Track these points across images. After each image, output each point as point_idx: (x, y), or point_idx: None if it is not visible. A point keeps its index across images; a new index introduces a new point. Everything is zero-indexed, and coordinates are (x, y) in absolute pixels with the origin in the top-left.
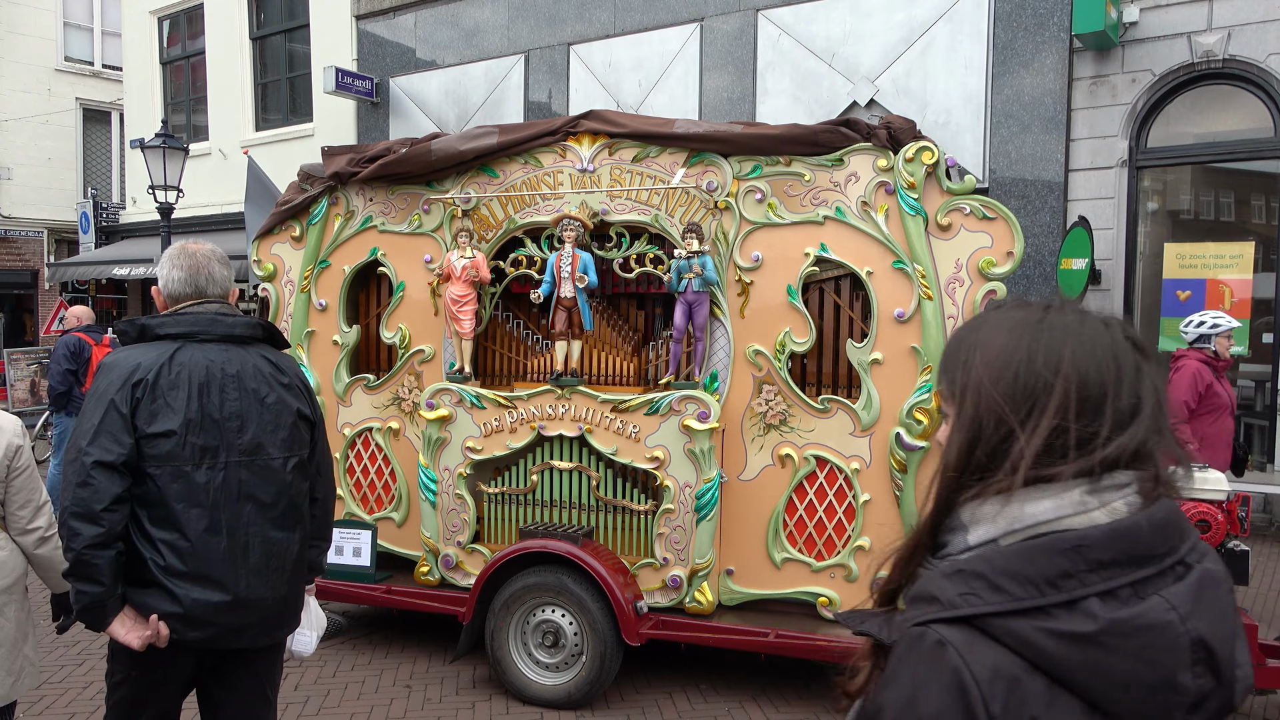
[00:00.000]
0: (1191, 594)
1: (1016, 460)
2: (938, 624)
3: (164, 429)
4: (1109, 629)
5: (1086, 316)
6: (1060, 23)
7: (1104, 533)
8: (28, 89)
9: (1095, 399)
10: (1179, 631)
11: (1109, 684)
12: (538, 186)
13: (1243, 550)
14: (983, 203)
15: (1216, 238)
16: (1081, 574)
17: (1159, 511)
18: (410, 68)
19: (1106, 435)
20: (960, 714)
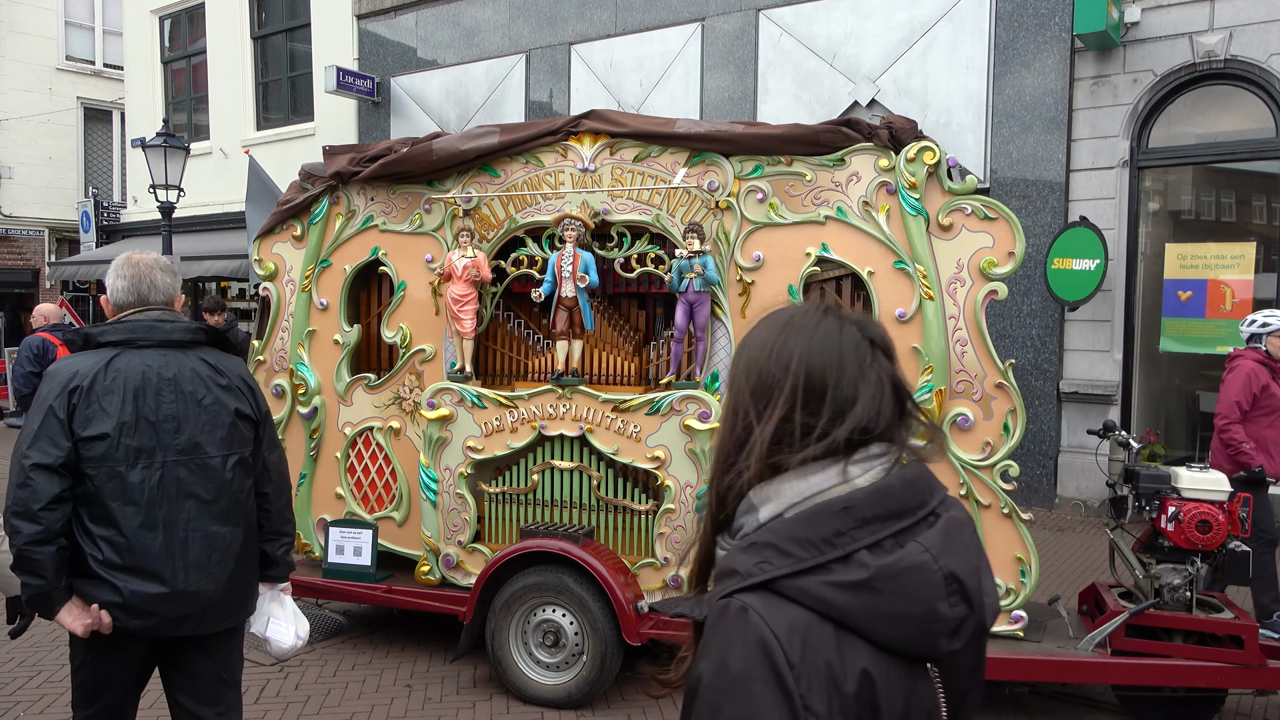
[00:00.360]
0: (941, 538)
1: (752, 447)
2: (740, 593)
3: (98, 432)
4: (878, 574)
5: (826, 318)
6: (1062, 23)
7: (866, 494)
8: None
9: (817, 393)
10: (934, 569)
11: (883, 622)
12: (539, 186)
13: (1243, 551)
14: (984, 203)
15: (1218, 238)
16: (852, 531)
17: (909, 473)
18: (411, 67)
19: (827, 424)
20: (765, 667)
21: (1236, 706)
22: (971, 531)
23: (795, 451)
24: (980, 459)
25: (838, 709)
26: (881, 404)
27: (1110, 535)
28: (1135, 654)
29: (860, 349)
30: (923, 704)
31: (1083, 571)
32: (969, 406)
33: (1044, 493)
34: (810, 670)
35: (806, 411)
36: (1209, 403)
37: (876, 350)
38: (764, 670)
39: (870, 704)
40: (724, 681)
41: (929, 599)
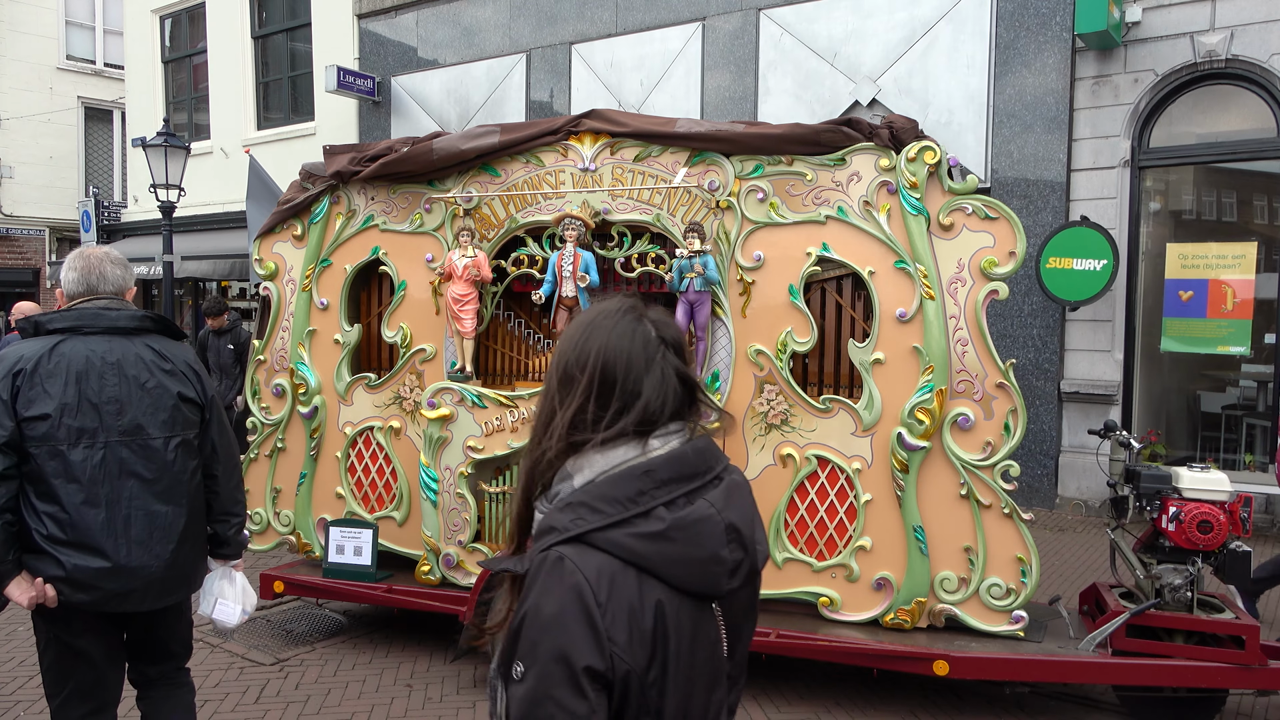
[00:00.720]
0: (724, 496)
1: (554, 430)
2: (557, 545)
3: (39, 413)
4: (673, 526)
5: (624, 319)
6: (1063, 22)
7: (664, 460)
8: (29, 87)
9: (609, 386)
10: (718, 521)
11: (677, 565)
12: (539, 186)
13: (1244, 551)
14: (985, 202)
15: (1219, 238)
16: (652, 491)
17: (700, 443)
18: (412, 67)
19: (615, 413)
20: (578, 606)
21: (1237, 707)
22: (748, 492)
23: (590, 434)
24: (981, 459)
25: (636, 639)
26: (667, 394)
27: (1111, 535)
28: (1136, 654)
29: (650, 347)
30: (707, 636)
31: (1083, 572)
32: (970, 406)
33: (1044, 493)
34: (615, 608)
35: (599, 402)
36: (1210, 403)
37: (666, 348)
38: (577, 609)
39: (663, 634)
40: (543, 620)
41: (713, 545)
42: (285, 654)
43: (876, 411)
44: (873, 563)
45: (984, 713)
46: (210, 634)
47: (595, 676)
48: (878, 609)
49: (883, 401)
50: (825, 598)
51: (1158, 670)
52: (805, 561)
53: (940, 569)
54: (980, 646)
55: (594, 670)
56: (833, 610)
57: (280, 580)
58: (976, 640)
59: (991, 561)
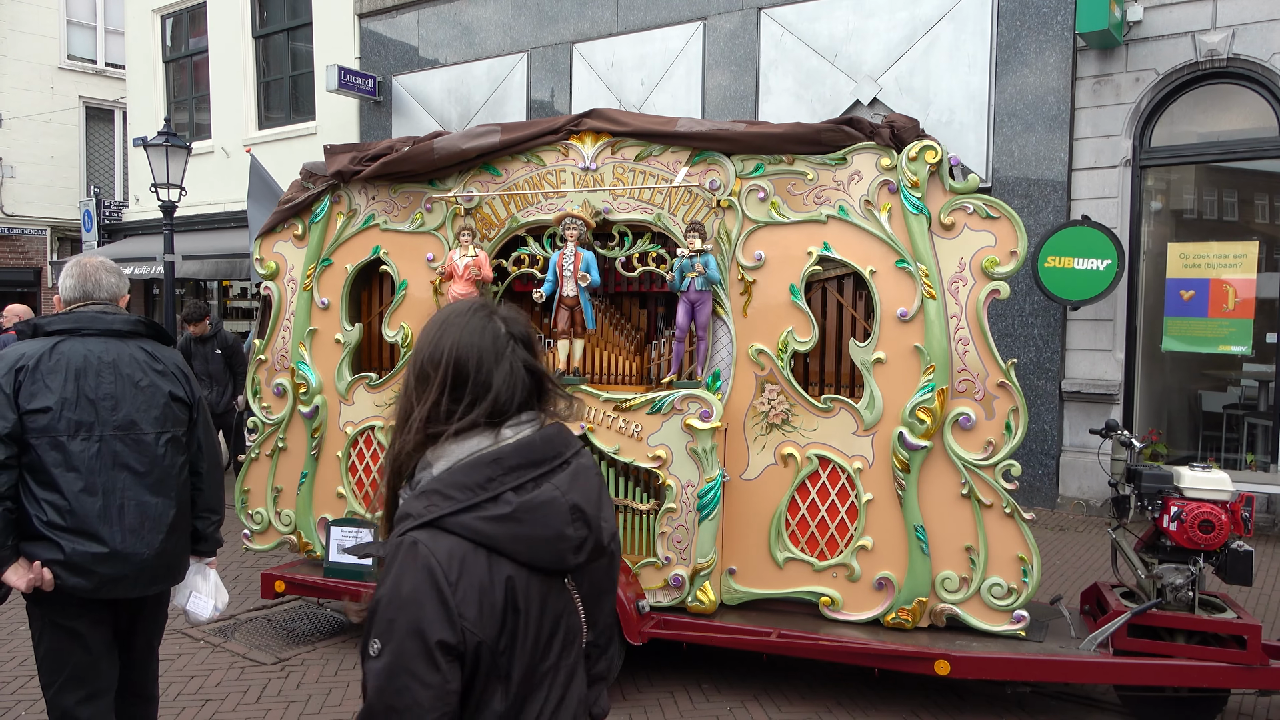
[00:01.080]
0: (570, 479)
1: (413, 423)
2: (412, 530)
3: (40, 406)
4: (519, 508)
5: (475, 317)
6: (1064, 21)
7: (512, 448)
8: (31, 87)
9: (461, 381)
10: (562, 502)
11: (524, 544)
12: (540, 185)
13: (1246, 551)
14: (986, 202)
15: (1220, 237)
16: (500, 477)
17: (549, 431)
18: (412, 66)
19: (466, 406)
20: (430, 586)
21: (1239, 707)
22: (595, 474)
23: (444, 425)
24: (982, 458)
25: (487, 614)
26: (516, 386)
27: (1112, 535)
28: (1137, 654)
29: (499, 342)
30: (557, 608)
31: (1084, 571)
32: (971, 406)
33: (1046, 492)
34: (465, 586)
35: (453, 396)
36: (1211, 402)
37: (515, 342)
38: (429, 588)
39: (513, 608)
40: (399, 600)
41: (558, 525)
42: (286, 653)
43: (878, 411)
44: (874, 562)
45: (985, 713)
46: (211, 634)
47: (448, 649)
48: (879, 609)
49: (884, 401)
50: (826, 597)
51: (1159, 670)
52: (806, 561)
53: (941, 568)
54: (981, 646)
55: (446, 644)
56: (834, 610)
57: (281, 580)
58: (978, 640)
59: (993, 561)
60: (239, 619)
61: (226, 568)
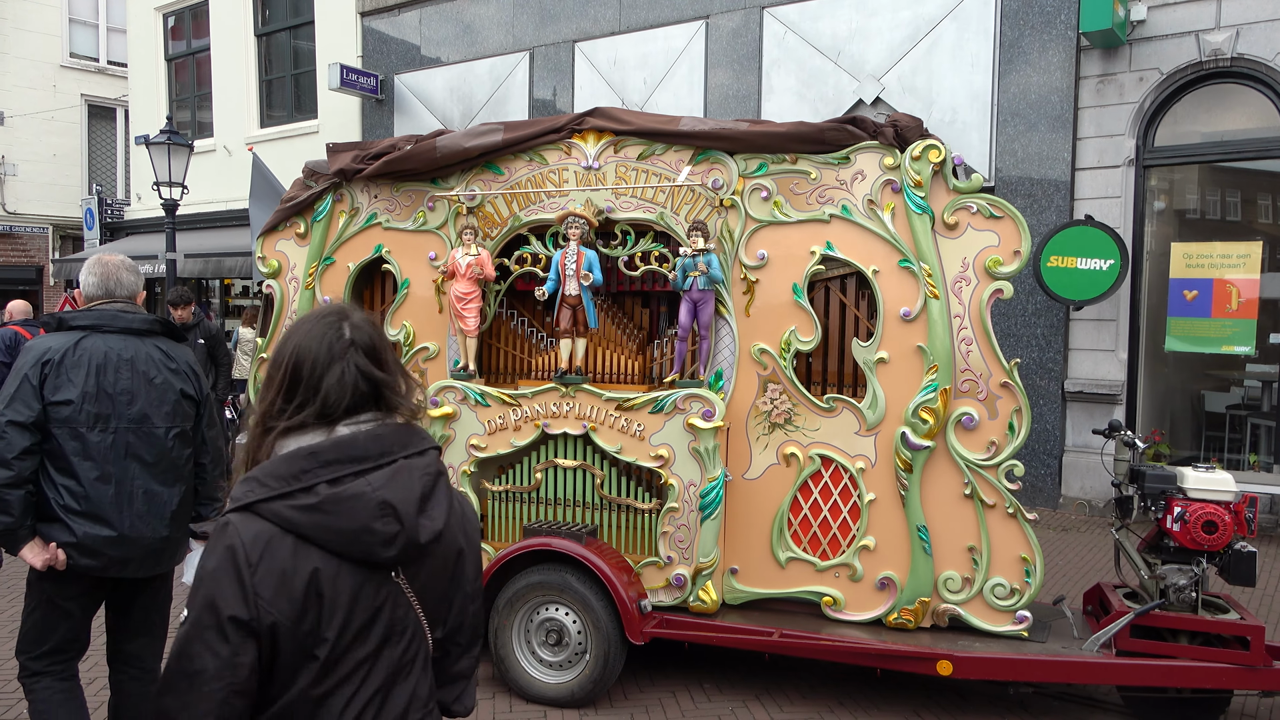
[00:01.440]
0: (387, 477)
1: (256, 418)
2: (230, 513)
3: (65, 398)
4: (327, 500)
5: (320, 323)
6: (1067, 20)
7: (330, 443)
8: (33, 85)
9: (294, 383)
10: (371, 497)
11: (330, 534)
12: (543, 184)
13: (1249, 552)
14: (990, 201)
15: (1224, 237)
16: (315, 469)
17: (378, 430)
18: (415, 65)
19: (297, 406)
20: (230, 565)
21: (1242, 708)
22: (420, 475)
23: (278, 422)
24: (985, 458)
25: (284, 596)
26: (345, 390)
27: (1115, 535)
28: (1140, 655)
29: (336, 348)
30: (376, 600)
31: (1087, 572)
32: (974, 406)
33: (1048, 492)
34: (266, 568)
35: (287, 396)
36: (1214, 403)
37: (354, 349)
38: (228, 567)
39: (317, 594)
40: (205, 575)
41: (364, 518)
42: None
43: (880, 411)
44: (876, 562)
45: (987, 713)
46: None
47: (239, 624)
48: (881, 609)
49: (886, 401)
50: (828, 597)
51: (1162, 671)
52: (808, 561)
53: (944, 569)
54: (984, 646)
55: (238, 619)
56: (836, 610)
57: None
58: (980, 640)
59: (995, 561)
60: None
61: None
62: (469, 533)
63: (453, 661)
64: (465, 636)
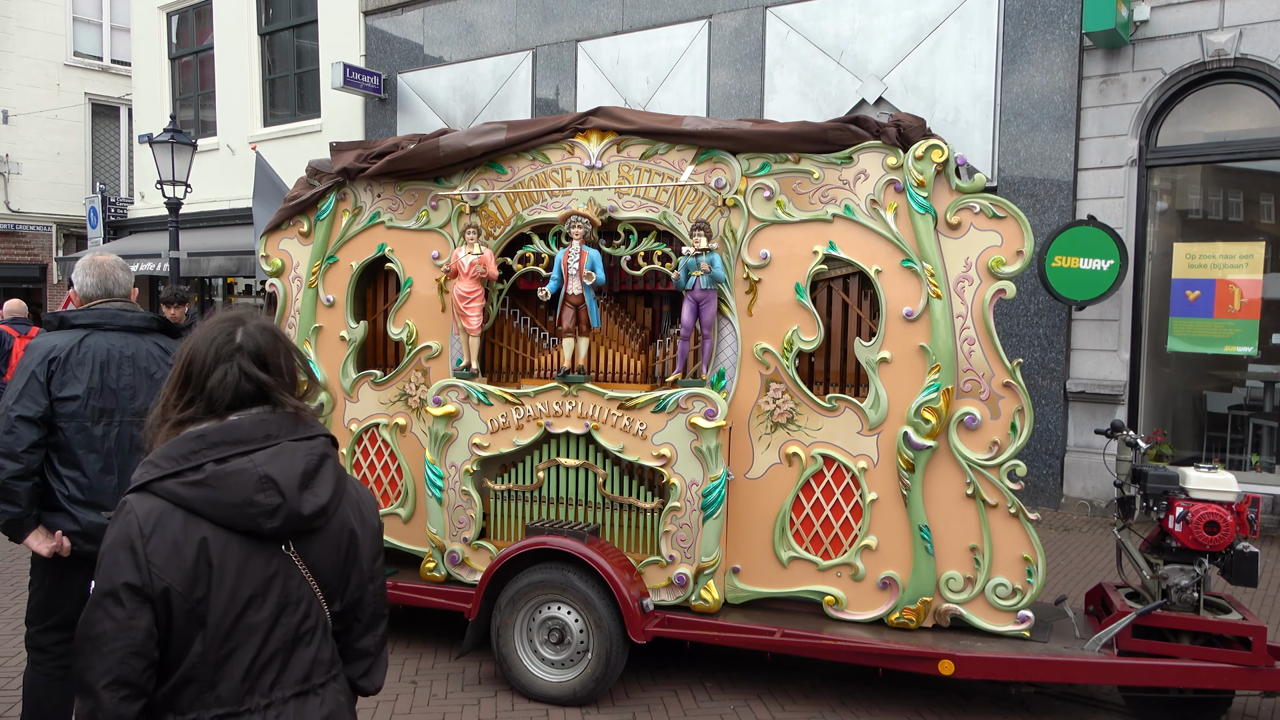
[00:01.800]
0: (270, 456)
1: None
2: (129, 493)
3: (70, 394)
4: (212, 476)
5: (216, 327)
6: (1070, 21)
7: (217, 427)
8: (37, 84)
9: (184, 381)
10: (253, 472)
11: (216, 507)
12: (546, 183)
13: (1251, 552)
14: (993, 201)
15: (1226, 238)
16: (203, 450)
17: (263, 417)
18: (418, 64)
19: (186, 402)
20: (125, 538)
21: (1244, 708)
22: (303, 455)
23: (171, 414)
24: (987, 458)
25: (175, 564)
26: (227, 390)
27: (1117, 535)
28: (1142, 655)
29: (223, 352)
30: (266, 571)
31: (1089, 572)
32: (976, 406)
33: (1050, 492)
34: (158, 539)
35: (179, 392)
36: (1216, 403)
37: (241, 353)
38: (124, 540)
39: (206, 563)
40: (106, 549)
41: (247, 491)
42: None
43: (883, 410)
44: (878, 562)
45: (989, 713)
46: None
47: (134, 590)
48: (883, 608)
49: (889, 400)
50: (830, 597)
51: (1164, 671)
52: (810, 560)
53: (946, 568)
54: (986, 646)
55: (132, 585)
56: (838, 609)
57: None
58: (982, 640)
59: (997, 561)
60: None
61: None
62: (365, 516)
63: (355, 638)
64: (366, 614)
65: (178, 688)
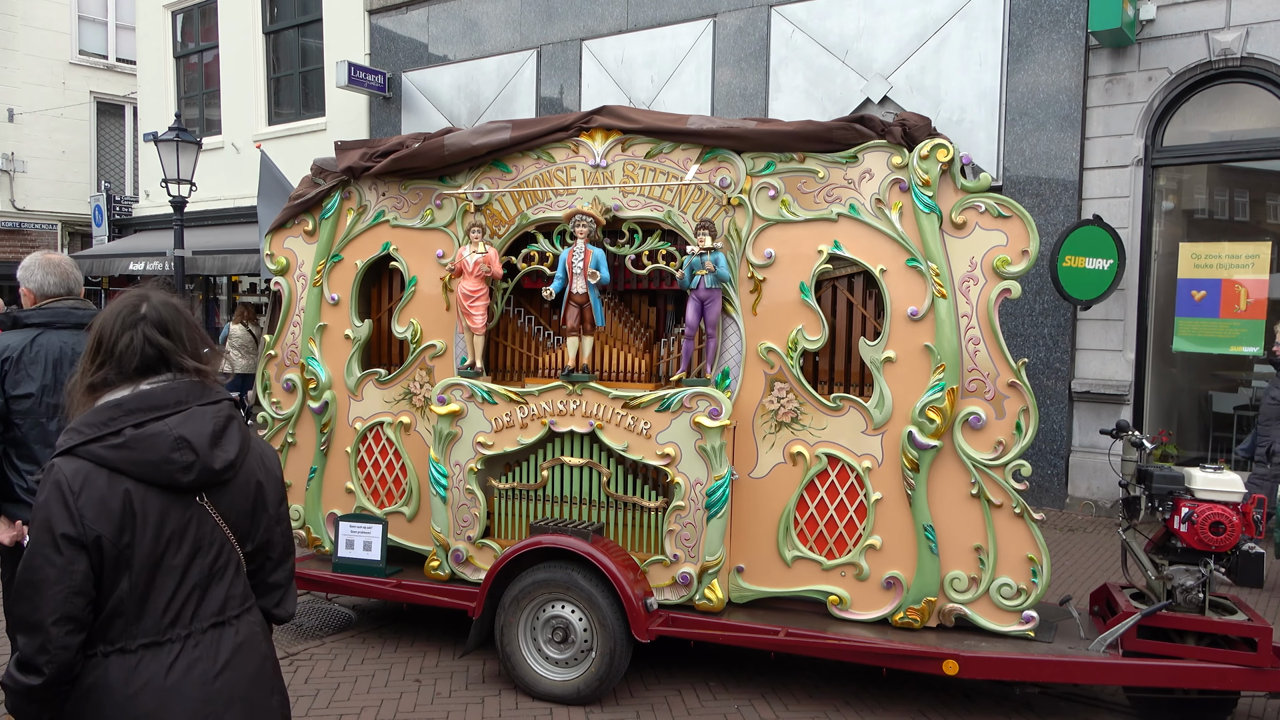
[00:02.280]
0: (183, 420)
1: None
2: (55, 457)
3: (25, 392)
4: (131, 439)
5: (128, 300)
6: (1076, 20)
7: (133, 396)
8: (42, 82)
9: (95, 349)
10: (168, 434)
11: (136, 465)
12: (550, 182)
13: (1257, 553)
14: (998, 200)
15: (1232, 237)
16: (121, 417)
17: (173, 385)
18: (422, 63)
19: (97, 368)
20: (58, 495)
21: (1249, 709)
22: (212, 417)
23: (89, 379)
24: (992, 458)
25: (104, 516)
26: (133, 355)
27: (1122, 536)
28: (1147, 655)
29: (127, 320)
30: (182, 519)
31: (1094, 572)
32: (981, 405)
33: (1055, 492)
34: (86, 495)
35: (92, 359)
36: (1222, 403)
37: (145, 322)
38: (57, 497)
39: (130, 513)
40: (39, 506)
41: (164, 450)
42: (295, 648)
43: (887, 410)
44: (882, 561)
45: (993, 713)
46: None
47: (70, 540)
48: (887, 608)
49: (894, 400)
50: (834, 596)
51: (1169, 672)
52: (814, 560)
53: (950, 568)
54: (990, 646)
55: (69, 535)
56: (842, 609)
57: None
58: (986, 640)
59: (1002, 561)
60: None
61: None
62: (268, 468)
63: (268, 574)
64: (276, 552)
65: (107, 621)
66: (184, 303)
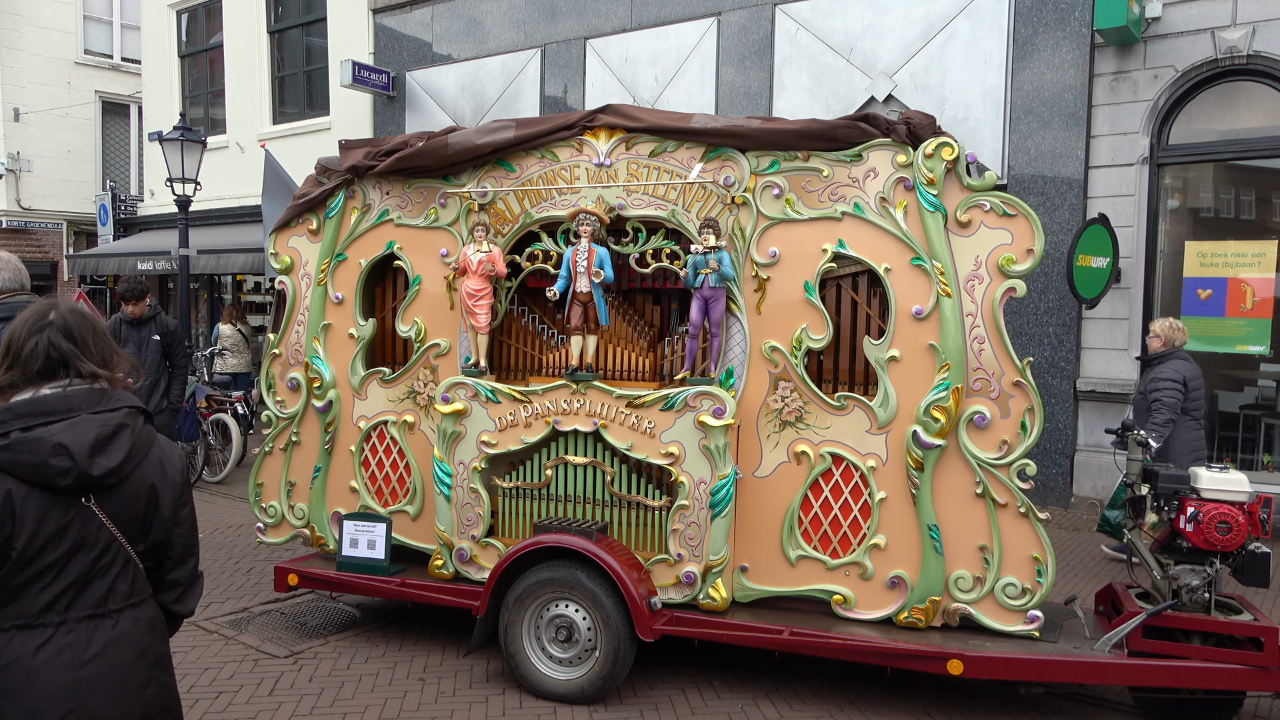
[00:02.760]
0: (66, 426)
1: None
2: None
3: None
4: (16, 442)
5: (39, 307)
6: (1082, 17)
7: (24, 402)
8: (47, 82)
9: (6, 350)
10: (49, 440)
11: (19, 467)
12: (554, 181)
13: (1264, 553)
14: (1003, 199)
15: (1238, 236)
16: (10, 420)
17: (68, 392)
18: (426, 62)
19: (7, 367)
20: None
21: (1255, 709)
22: (100, 425)
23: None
24: (997, 457)
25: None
26: (37, 358)
27: (1128, 535)
28: (1152, 655)
29: (34, 326)
30: (64, 518)
31: (1099, 572)
32: (986, 405)
33: (1060, 492)
34: None
35: (3, 362)
36: (1228, 402)
37: (54, 330)
38: None
39: (11, 510)
40: None
41: (43, 455)
42: (299, 647)
43: (892, 409)
44: (887, 561)
45: (998, 713)
46: (224, 627)
47: None
48: (891, 607)
49: (898, 399)
50: (839, 595)
51: (1174, 671)
52: (818, 559)
53: (955, 568)
54: (995, 646)
55: None
56: (846, 608)
57: (294, 573)
58: (991, 640)
59: (1007, 560)
60: (252, 612)
61: (240, 561)
62: (167, 473)
63: (166, 571)
64: (175, 551)
65: None
66: (94, 314)
